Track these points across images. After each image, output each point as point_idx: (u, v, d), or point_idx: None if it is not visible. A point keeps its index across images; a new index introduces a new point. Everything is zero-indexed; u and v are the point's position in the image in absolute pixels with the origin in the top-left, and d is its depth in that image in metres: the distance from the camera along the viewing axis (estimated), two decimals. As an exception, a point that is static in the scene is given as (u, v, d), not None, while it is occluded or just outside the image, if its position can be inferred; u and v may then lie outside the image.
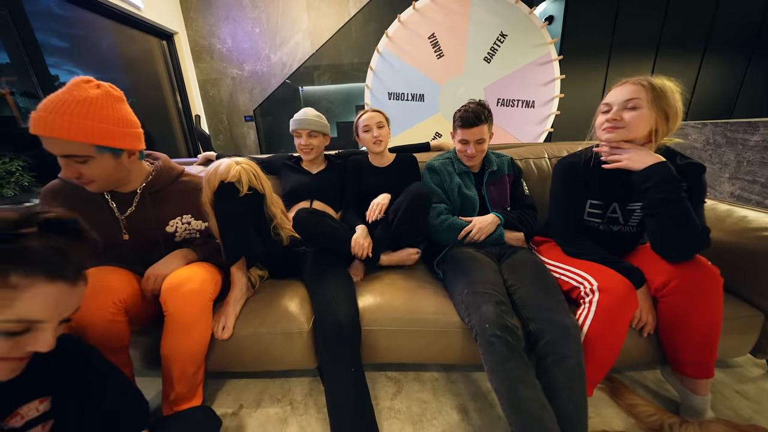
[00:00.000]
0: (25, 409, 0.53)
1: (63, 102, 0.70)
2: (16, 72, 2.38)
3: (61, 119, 0.69)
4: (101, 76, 3.31)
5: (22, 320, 0.44)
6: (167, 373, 0.85)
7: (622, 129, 0.86)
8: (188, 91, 3.81)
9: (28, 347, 0.46)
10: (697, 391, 0.86)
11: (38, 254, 0.45)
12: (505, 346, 0.76)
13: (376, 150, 1.34)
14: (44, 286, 0.45)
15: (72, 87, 0.73)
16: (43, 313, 0.46)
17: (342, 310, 0.89)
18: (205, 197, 0.92)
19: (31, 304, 0.45)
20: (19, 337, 0.45)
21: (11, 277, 0.43)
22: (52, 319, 0.48)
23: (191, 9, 3.69)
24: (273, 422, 0.96)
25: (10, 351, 0.45)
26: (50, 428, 0.56)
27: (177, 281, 0.82)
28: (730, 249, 0.97)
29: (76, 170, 0.76)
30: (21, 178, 3.10)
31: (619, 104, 0.86)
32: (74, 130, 0.70)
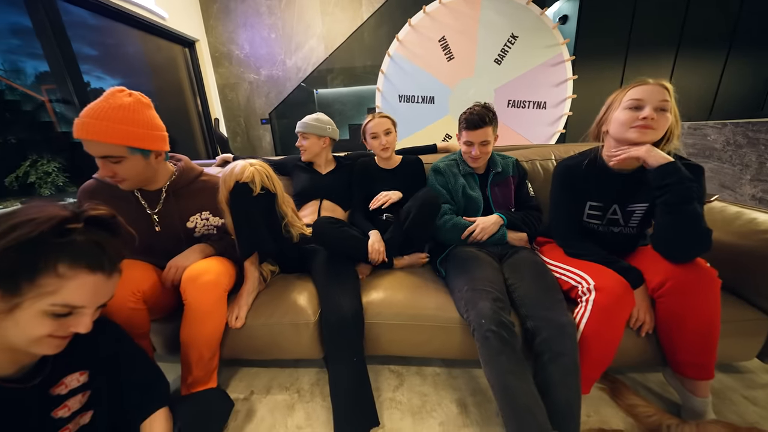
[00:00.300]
0: (69, 379, 0.61)
1: (101, 109, 0.79)
2: (54, 80, 2.58)
3: (99, 124, 0.78)
4: (128, 81, 3.54)
5: (67, 305, 0.51)
6: (185, 357, 0.93)
7: (653, 130, 0.83)
8: (208, 96, 3.99)
9: (70, 328, 0.54)
10: (697, 393, 0.86)
11: (82, 248, 0.52)
12: (499, 341, 0.79)
13: (384, 156, 1.39)
14: (86, 276, 0.52)
15: (108, 96, 0.82)
16: (84, 299, 0.53)
17: (346, 303, 0.94)
18: (221, 196, 1.00)
19: (74, 292, 0.52)
20: (63, 319, 0.52)
21: (60, 268, 0.50)
22: (90, 305, 0.55)
23: (212, 17, 3.86)
24: (281, 408, 1.02)
25: (56, 330, 0.52)
26: (87, 398, 0.64)
27: (195, 273, 0.90)
28: (738, 251, 0.96)
29: (111, 170, 0.84)
30: (56, 179, 3.34)
31: (653, 103, 0.82)
32: (110, 133, 0.79)
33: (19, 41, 2.78)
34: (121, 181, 0.88)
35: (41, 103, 3.12)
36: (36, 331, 0.49)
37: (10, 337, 0.50)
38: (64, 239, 0.51)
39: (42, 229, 0.48)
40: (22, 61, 2.93)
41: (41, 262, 0.48)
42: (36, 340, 0.51)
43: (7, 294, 0.47)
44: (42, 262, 0.48)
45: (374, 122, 1.35)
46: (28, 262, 0.48)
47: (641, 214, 0.94)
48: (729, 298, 0.96)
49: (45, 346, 0.52)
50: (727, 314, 0.90)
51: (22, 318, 0.48)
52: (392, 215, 1.35)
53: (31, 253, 0.48)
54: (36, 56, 2.79)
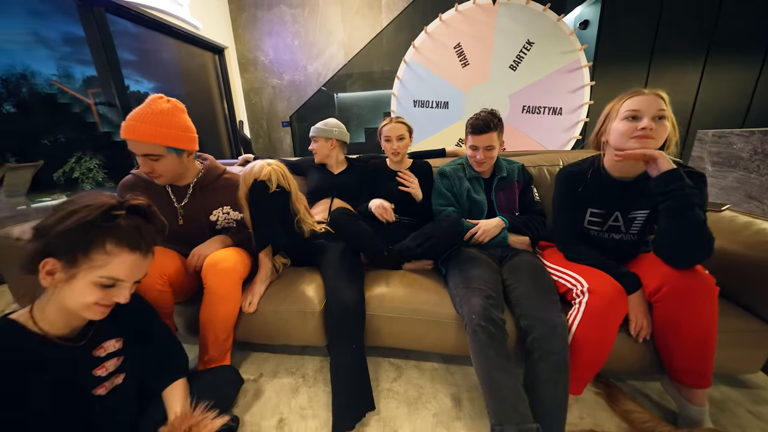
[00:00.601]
0: (107, 344, 0.71)
1: (145, 114, 0.92)
2: (100, 84, 2.84)
3: (143, 126, 0.91)
4: (162, 85, 3.80)
5: (111, 278, 0.61)
6: (203, 337, 1.03)
7: (652, 140, 0.84)
8: (234, 99, 4.22)
9: (113, 298, 0.64)
10: (694, 401, 0.85)
11: (125, 231, 0.62)
12: (487, 336, 0.83)
13: (394, 159, 1.48)
14: (127, 254, 0.62)
15: (150, 102, 0.95)
16: (125, 274, 0.63)
17: (349, 295, 1.01)
18: (241, 192, 1.09)
19: (118, 267, 0.61)
20: (108, 290, 0.62)
21: (107, 246, 0.60)
22: (129, 279, 0.64)
23: (240, 26, 4.09)
24: (286, 390, 1.10)
25: (102, 299, 0.62)
26: (121, 362, 0.74)
27: (215, 260, 1.00)
28: (745, 261, 0.95)
29: (150, 166, 0.96)
30: (97, 174, 3.64)
31: (650, 114, 0.84)
32: (152, 135, 0.92)
33: (70, 49, 3.07)
34: (157, 177, 1.00)
35: (87, 105, 3.42)
36: (87, 298, 0.59)
37: (67, 302, 0.60)
38: (111, 223, 0.61)
39: (95, 214, 0.58)
40: (71, 66, 3.23)
41: (94, 241, 0.58)
42: (86, 306, 0.60)
43: (66, 266, 0.58)
44: (94, 241, 0.58)
45: (390, 126, 1.42)
46: (84, 240, 0.58)
47: (642, 221, 0.95)
48: (733, 309, 0.95)
49: (92, 312, 0.62)
50: (731, 325, 0.91)
51: (77, 286, 0.59)
52: (400, 215, 1.40)
53: (87, 234, 0.58)
54: (83, 62, 3.08)
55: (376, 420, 0.97)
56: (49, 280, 0.58)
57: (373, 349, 1.27)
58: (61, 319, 0.63)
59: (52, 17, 2.71)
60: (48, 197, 3.26)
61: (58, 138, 3.44)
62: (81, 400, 0.66)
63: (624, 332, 0.91)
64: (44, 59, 2.92)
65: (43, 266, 0.57)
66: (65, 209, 0.59)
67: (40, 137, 3.22)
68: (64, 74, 3.38)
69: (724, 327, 0.90)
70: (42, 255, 0.57)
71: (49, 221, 0.58)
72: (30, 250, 0.58)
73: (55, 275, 0.58)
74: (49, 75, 3.02)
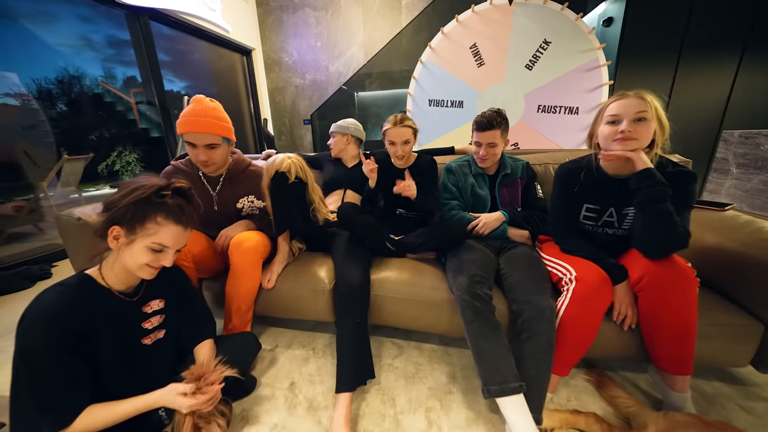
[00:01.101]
0: (153, 302, 0.86)
1: (201, 111, 1.09)
2: (142, 84, 3.12)
3: (205, 120, 1.08)
4: (194, 84, 4.07)
5: (160, 244, 0.75)
6: (227, 308, 1.18)
7: (634, 140, 0.89)
8: (259, 98, 4.46)
9: (160, 261, 0.78)
10: (675, 388, 0.89)
11: (171, 207, 0.76)
12: (471, 309, 0.92)
13: (396, 163, 1.47)
14: (173, 226, 0.76)
15: (199, 101, 1.11)
16: (170, 242, 0.77)
17: (355, 275, 1.12)
18: (264, 182, 1.23)
19: (165, 236, 0.75)
20: (157, 254, 0.76)
21: (158, 218, 0.74)
22: (173, 247, 0.78)
23: (267, 28, 4.31)
24: (298, 360, 1.23)
25: (152, 261, 0.76)
26: (162, 320, 0.88)
27: (240, 239, 1.14)
28: (740, 258, 0.97)
29: (208, 155, 1.12)
30: (135, 167, 3.98)
31: (629, 117, 0.89)
32: (213, 127, 1.10)
33: (113, 51, 3.36)
34: (211, 165, 1.16)
35: (129, 103, 3.75)
36: (141, 259, 0.74)
37: (127, 262, 0.75)
38: (161, 200, 0.75)
39: (149, 192, 0.73)
40: (114, 67, 3.54)
41: (148, 214, 0.73)
42: (140, 266, 0.75)
43: (128, 232, 0.72)
44: (148, 213, 0.73)
45: (394, 131, 1.38)
46: (141, 212, 0.72)
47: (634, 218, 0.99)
48: (723, 303, 0.98)
49: (144, 272, 0.77)
50: (722, 318, 0.94)
51: (135, 249, 0.73)
52: (405, 210, 1.49)
53: (143, 207, 0.73)
54: (124, 63, 3.37)
55: (376, 389, 1.08)
56: (115, 243, 0.73)
57: (377, 329, 1.38)
58: (121, 276, 0.78)
59: (99, 22, 3.00)
60: (93, 188, 3.61)
61: (102, 134, 3.79)
62: (133, 346, 0.82)
63: (612, 321, 0.96)
64: (91, 61, 3.23)
65: (111, 232, 0.73)
66: (127, 188, 0.74)
67: (88, 133, 3.56)
68: (108, 75, 3.70)
69: (715, 321, 0.94)
70: (110, 223, 0.72)
71: (114, 197, 0.74)
72: (102, 219, 0.73)
73: (119, 239, 0.73)
74: (96, 76, 3.33)
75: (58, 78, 3.00)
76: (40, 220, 2.73)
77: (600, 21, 3.35)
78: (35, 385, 0.68)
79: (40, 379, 0.67)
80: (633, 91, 0.92)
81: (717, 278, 1.03)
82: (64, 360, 0.68)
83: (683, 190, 0.88)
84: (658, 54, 3.04)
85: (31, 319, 0.69)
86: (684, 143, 3.37)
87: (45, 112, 2.71)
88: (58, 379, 0.68)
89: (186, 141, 1.11)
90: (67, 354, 0.69)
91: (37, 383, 0.68)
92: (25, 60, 2.59)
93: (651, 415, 0.86)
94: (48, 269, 2.14)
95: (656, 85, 3.13)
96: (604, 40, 3.15)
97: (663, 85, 3.12)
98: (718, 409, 0.97)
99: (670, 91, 3.11)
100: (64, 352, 0.68)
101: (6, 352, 1.34)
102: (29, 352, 0.67)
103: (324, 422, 0.97)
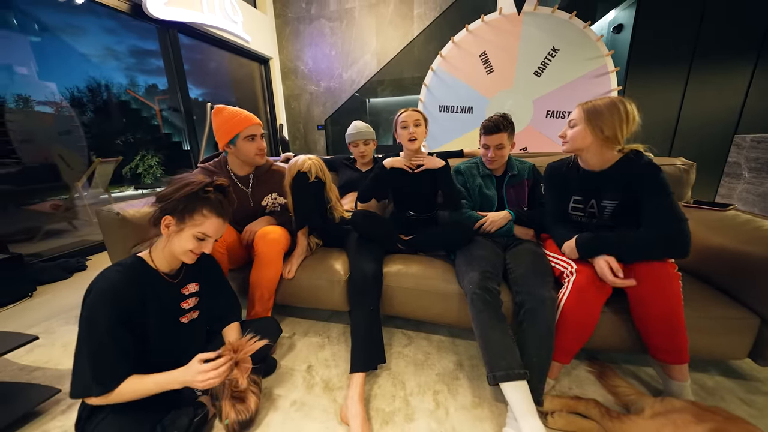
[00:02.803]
0: (190, 285, 0.96)
1: (243, 111, 1.28)
2: (168, 92, 3.33)
3: (252, 115, 1.29)
4: (214, 92, 4.26)
5: (204, 234, 0.86)
6: (251, 296, 1.28)
7: (567, 143, 1.07)
8: (276, 105, 4.65)
9: (202, 248, 0.88)
10: (674, 376, 0.94)
11: (214, 201, 0.86)
12: (482, 302, 0.98)
13: (411, 147, 1.34)
14: (215, 218, 0.87)
15: (225, 108, 1.26)
16: (212, 232, 0.87)
17: (368, 267, 1.21)
18: (286, 181, 1.34)
19: (208, 226, 0.86)
20: (199, 242, 0.86)
21: (204, 211, 0.84)
22: (214, 236, 0.88)
23: (284, 38, 4.52)
24: (314, 346, 1.32)
25: (196, 248, 0.86)
26: (197, 302, 0.99)
27: (265, 232, 1.25)
28: (739, 256, 1.01)
29: (263, 144, 1.32)
30: (156, 171, 4.19)
31: (566, 124, 1.09)
32: (259, 120, 1.29)
33: (135, 60, 3.54)
34: (264, 154, 1.34)
35: (153, 110, 3.98)
36: (188, 245, 0.84)
37: (174, 247, 0.85)
38: (206, 195, 0.85)
39: (197, 188, 0.83)
40: (136, 76, 3.74)
41: (196, 207, 0.83)
42: (185, 252, 0.85)
43: (178, 222, 0.83)
44: (196, 206, 0.83)
45: (405, 114, 1.34)
46: (191, 205, 0.83)
47: (612, 209, 1.05)
48: (722, 298, 1.02)
49: (188, 257, 0.87)
50: (719, 312, 0.99)
51: (183, 236, 0.84)
52: (415, 213, 1.55)
53: (192, 201, 0.83)
54: (145, 72, 3.55)
55: (387, 373, 1.16)
56: (166, 231, 0.84)
57: (388, 320, 1.46)
58: (167, 260, 0.89)
59: (122, 34, 3.22)
60: (118, 189, 3.83)
61: (128, 138, 4.03)
62: (174, 323, 0.92)
63: (611, 312, 1.02)
64: (114, 70, 3.45)
65: (163, 221, 0.83)
66: (179, 183, 0.85)
67: (114, 138, 3.78)
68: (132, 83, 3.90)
69: (714, 314, 0.98)
70: (164, 213, 0.83)
71: (167, 191, 0.84)
72: (156, 209, 0.84)
73: (170, 227, 0.84)
74: (123, 84, 3.55)
75: (89, 86, 3.21)
76: (74, 218, 2.94)
77: (610, 28, 3.39)
78: (94, 352, 0.77)
79: (99, 346, 0.77)
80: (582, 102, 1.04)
81: (717, 275, 1.08)
82: (121, 332, 0.78)
83: (656, 181, 0.95)
84: (669, 60, 3.05)
85: (96, 293, 0.78)
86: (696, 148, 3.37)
87: (78, 119, 2.92)
88: (114, 348, 0.78)
89: (247, 136, 1.27)
90: (123, 327, 0.79)
91: (96, 350, 0.77)
92: (61, 70, 2.81)
93: (648, 400, 0.91)
94: (83, 262, 2.31)
95: (667, 92, 3.14)
96: (614, 46, 3.20)
97: (674, 91, 3.13)
98: (718, 401, 1.01)
99: (682, 97, 3.11)
100: (121, 325, 0.78)
101: (53, 332, 1.47)
102: (93, 323, 0.77)
103: (339, 400, 1.05)
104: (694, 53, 3.03)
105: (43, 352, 1.33)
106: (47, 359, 1.28)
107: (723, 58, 2.98)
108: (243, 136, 1.26)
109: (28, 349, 1.33)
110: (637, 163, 0.99)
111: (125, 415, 0.80)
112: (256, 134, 1.28)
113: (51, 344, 1.38)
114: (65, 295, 1.87)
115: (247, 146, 1.28)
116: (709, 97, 3.04)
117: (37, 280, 1.98)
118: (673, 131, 3.16)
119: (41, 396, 1.03)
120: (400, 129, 1.37)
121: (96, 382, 0.76)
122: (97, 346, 0.77)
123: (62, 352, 1.32)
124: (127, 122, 3.93)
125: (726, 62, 2.99)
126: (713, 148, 2.91)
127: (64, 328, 1.50)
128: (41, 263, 2.17)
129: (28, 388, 1.08)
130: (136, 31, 3.15)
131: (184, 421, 0.85)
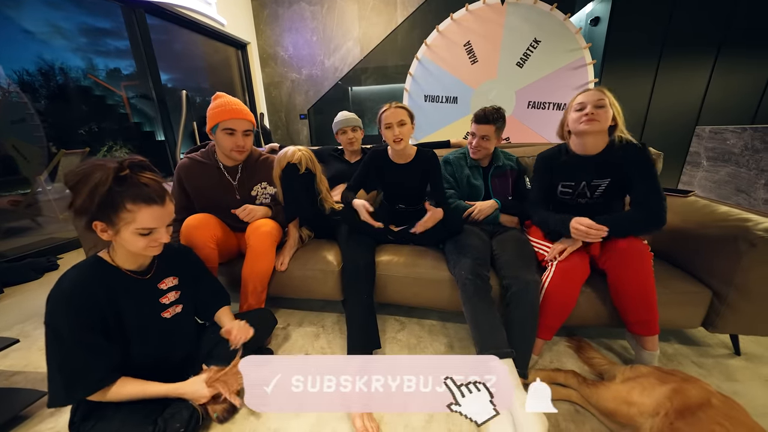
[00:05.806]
0: (167, 279, 0.93)
1: (234, 101, 1.22)
2: (136, 77, 3.11)
3: (244, 109, 1.22)
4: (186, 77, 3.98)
5: (144, 228, 0.75)
6: (244, 288, 1.27)
7: (597, 121, 1.06)
8: (255, 92, 4.48)
9: (156, 241, 0.79)
10: (646, 347, 1.05)
11: (134, 189, 0.73)
12: (473, 287, 1.04)
13: (397, 148, 1.28)
14: (146, 208, 0.74)
15: (221, 96, 1.23)
16: (153, 223, 0.76)
17: (360, 257, 1.23)
18: (275, 172, 1.32)
19: (144, 220, 0.74)
20: (149, 236, 0.77)
21: (127, 205, 0.72)
22: (160, 226, 0.78)
23: (262, 22, 4.32)
24: (309, 336, 1.35)
25: (150, 242, 0.78)
26: (179, 296, 0.96)
27: (257, 224, 1.25)
28: (696, 236, 1.14)
29: (245, 141, 1.24)
30: (125, 163, 3.93)
31: (592, 103, 1.06)
32: (250, 115, 1.24)
33: (86, 40, 3.06)
34: (245, 151, 1.27)
35: (119, 97, 3.71)
36: (137, 244, 0.77)
37: (128, 248, 0.79)
38: (122, 187, 0.72)
39: (108, 183, 0.70)
40: (93, 58, 3.19)
41: (115, 204, 0.72)
42: (142, 248, 0.78)
43: (108, 225, 0.74)
44: (116, 204, 0.72)
45: (389, 112, 1.25)
46: (110, 205, 0.72)
47: (604, 188, 1.13)
48: (680, 274, 1.14)
49: (149, 251, 0.80)
50: (677, 286, 1.11)
51: (125, 237, 0.75)
52: (405, 205, 1.56)
53: (109, 200, 0.71)
54: (101, 54, 2.99)
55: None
56: (105, 235, 0.76)
57: (382, 307, 1.50)
58: (129, 258, 0.84)
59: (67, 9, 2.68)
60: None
61: (92, 128, 3.75)
62: (154, 320, 0.89)
63: (590, 292, 1.11)
64: (68, 51, 2.85)
65: (95, 227, 0.75)
66: (84, 186, 0.70)
67: (76, 127, 3.48)
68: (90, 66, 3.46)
69: (673, 289, 1.10)
70: (90, 220, 0.74)
71: (77, 200, 0.71)
72: (82, 221, 0.74)
73: (107, 232, 0.75)
74: (80, 67, 3.13)
75: (40, 69, 2.71)
76: (37, 214, 2.73)
77: (588, 20, 3.49)
78: (61, 360, 0.74)
79: (66, 353, 0.73)
80: (596, 87, 1.10)
81: (678, 253, 1.20)
82: (89, 336, 0.75)
83: (643, 161, 1.04)
84: (642, 53, 3.20)
85: (52, 299, 0.75)
86: (662, 138, 3.58)
87: (32, 105, 2.58)
88: (82, 354, 0.74)
89: (225, 128, 1.20)
90: (89, 329, 0.75)
91: (63, 358, 0.74)
92: (4, 48, 2.36)
93: (619, 368, 1.01)
94: (54, 261, 2.19)
95: (639, 84, 3.30)
96: (591, 39, 3.30)
97: (645, 83, 3.30)
98: (676, 365, 1.14)
99: (652, 89, 3.29)
100: (88, 329, 0.74)
101: (28, 336, 1.41)
102: (55, 330, 0.73)
103: (338, 385, 1.08)
104: (663, 47, 3.19)
105: (20, 356, 1.27)
106: (26, 363, 1.23)
107: (688, 53, 3.16)
108: (222, 128, 1.20)
109: (4, 354, 1.26)
110: (632, 148, 1.07)
111: (126, 408, 0.81)
112: (236, 129, 1.20)
113: (28, 348, 1.32)
114: (37, 296, 1.77)
115: (224, 139, 1.22)
116: (675, 90, 3.23)
117: (2, 281, 1.86)
118: (643, 122, 3.35)
119: (27, 400, 1.00)
120: (384, 129, 1.28)
121: (67, 390, 0.74)
122: (65, 353, 0.74)
123: (41, 356, 1.27)
124: (90, 110, 3.64)
125: (690, 57, 3.17)
126: (678, 139, 3.12)
127: (39, 331, 1.44)
128: (5, 263, 2.03)
129: (11, 393, 1.04)
130: (84, 6, 2.73)
131: (185, 414, 0.86)
